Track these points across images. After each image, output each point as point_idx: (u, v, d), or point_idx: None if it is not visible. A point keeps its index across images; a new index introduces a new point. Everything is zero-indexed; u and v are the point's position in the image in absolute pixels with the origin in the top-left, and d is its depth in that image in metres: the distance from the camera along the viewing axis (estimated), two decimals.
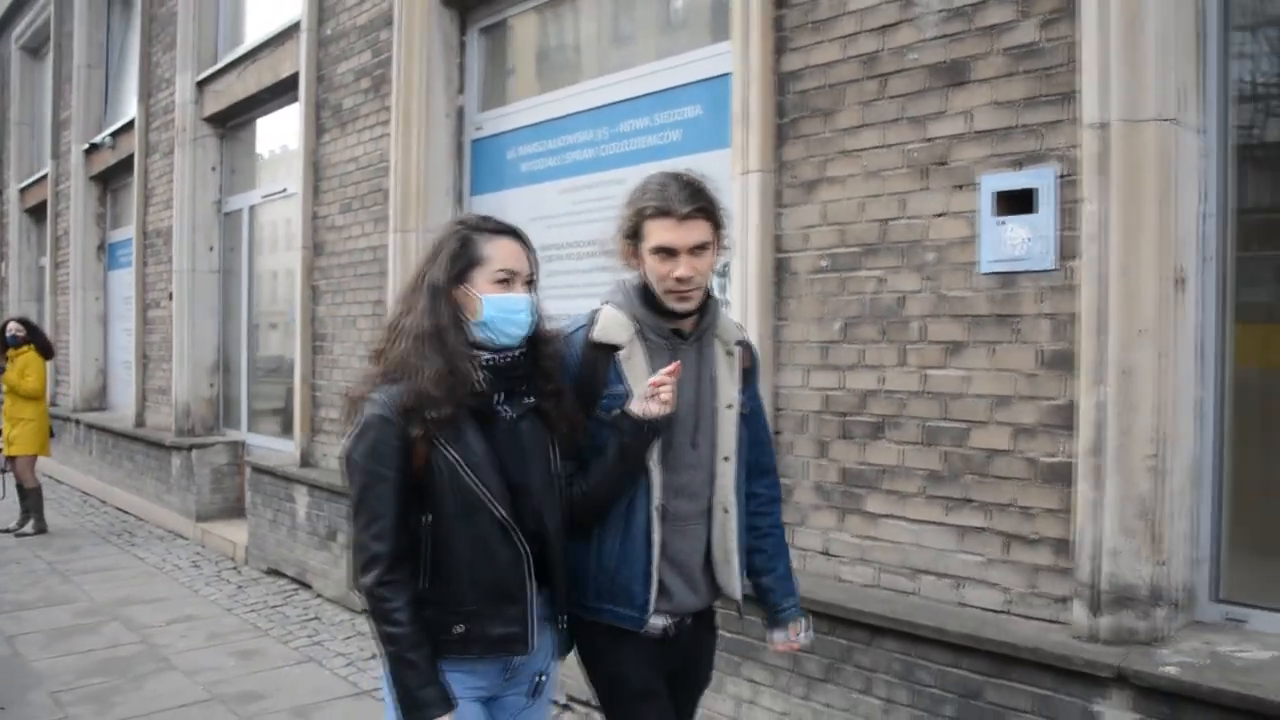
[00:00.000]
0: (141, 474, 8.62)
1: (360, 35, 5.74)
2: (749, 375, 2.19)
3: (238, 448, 7.71)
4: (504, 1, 5.10)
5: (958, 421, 2.91)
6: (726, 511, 2.09)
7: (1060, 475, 2.70)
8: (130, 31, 9.71)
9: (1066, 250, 2.68)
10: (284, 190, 7.12)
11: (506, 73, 5.27)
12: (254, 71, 7.15)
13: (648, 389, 1.94)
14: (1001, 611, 2.83)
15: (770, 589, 2.24)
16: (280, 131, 7.45)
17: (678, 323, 2.05)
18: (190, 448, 7.65)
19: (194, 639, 5.02)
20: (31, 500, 7.69)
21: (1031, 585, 2.78)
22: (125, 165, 9.36)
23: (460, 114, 5.27)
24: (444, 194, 5.22)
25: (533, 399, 1.95)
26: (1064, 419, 2.68)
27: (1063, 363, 2.69)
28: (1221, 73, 2.64)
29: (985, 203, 2.82)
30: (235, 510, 7.45)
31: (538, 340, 1.98)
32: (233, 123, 7.90)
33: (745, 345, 2.19)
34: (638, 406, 1.95)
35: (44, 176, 11.65)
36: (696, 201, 1.97)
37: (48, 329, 10.89)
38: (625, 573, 2.01)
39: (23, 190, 12.82)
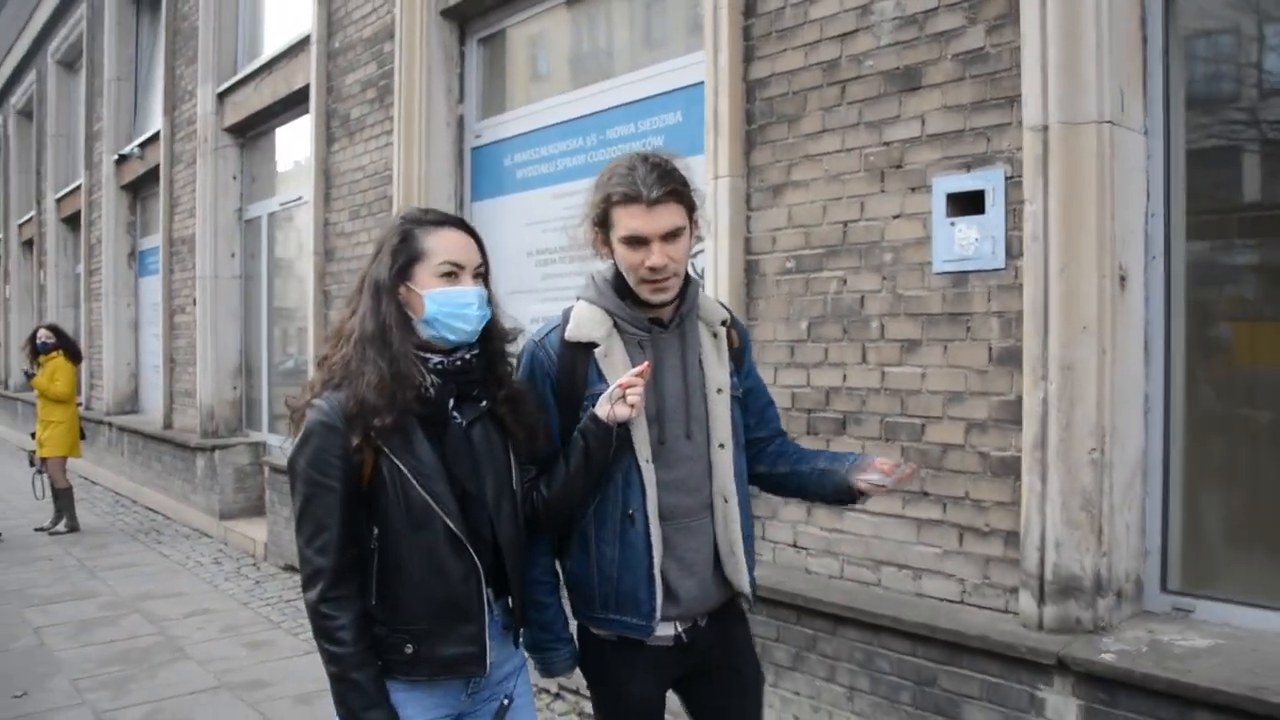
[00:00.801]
0: (169, 474, 8.91)
1: (366, 47, 5.92)
2: (740, 355, 2.08)
3: (259, 448, 7.95)
4: (501, 12, 5.24)
5: (914, 417, 2.99)
6: (726, 500, 1.97)
7: (1010, 469, 2.78)
8: (157, 45, 10.01)
9: (1014, 250, 2.76)
10: (299, 198, 7.34)
11: (504, 82, 5.41)
12: (270, 83, 7.38)
13: (614, 390, 1.83)
14: (957, 602, 2.91)
15: (828, 465, 2.04)
16: (296, 141, 7.67)
17: (655, 312, 1.94)
18: (214, 449, 7.90)
19: (209, 631, 5.23)
20: (63, 500, 7.99)
21: (985, 576, 2.86)
22: (153, 175, 9.65)
23: (460, 122, 5.42)
24: (445, 200, 5.37)
25: (485, 403, 1.83)
26: (1013, 414, 2.76)
27: (1011, 359, 2.76)
28: (1165, 75, 2.69)
29: (938, 204, 2.90)
30: (257, 509, 7.67)
31: (492, 339, 1.86)
32: (252, 133, 8.15)
33: (731, 325, 2.06)
34: (603, 409, 1.84)
35: (78, 186, 12.03)
36: (666, 184, 1.82)
37: (82, 334, 11.28)
38: (629, 579, 1.91)
39: (59, 200, 13.23)
